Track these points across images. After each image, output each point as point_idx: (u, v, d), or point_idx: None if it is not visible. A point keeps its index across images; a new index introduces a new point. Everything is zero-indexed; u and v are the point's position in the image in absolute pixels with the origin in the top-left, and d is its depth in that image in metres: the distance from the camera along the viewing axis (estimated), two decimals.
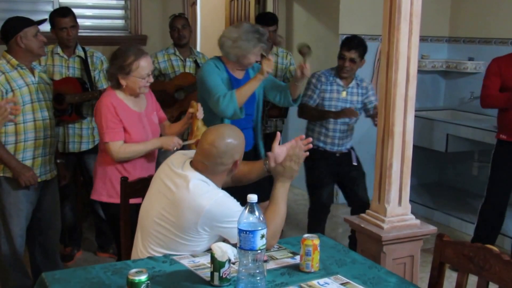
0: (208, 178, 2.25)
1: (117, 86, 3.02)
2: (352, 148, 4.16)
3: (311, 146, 2.38)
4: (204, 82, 3.36)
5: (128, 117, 3.01)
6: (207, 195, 2.18)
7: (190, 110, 3.12)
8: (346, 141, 4.09)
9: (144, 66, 2.96)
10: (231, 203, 2.22)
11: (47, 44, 3.36)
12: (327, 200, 4.09)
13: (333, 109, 3.98)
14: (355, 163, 4.12)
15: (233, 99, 3.24)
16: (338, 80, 4.00)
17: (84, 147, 4.00)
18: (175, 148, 3.08)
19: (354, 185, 4.11)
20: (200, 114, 3.10)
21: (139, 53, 2.98)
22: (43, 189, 3.34)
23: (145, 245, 2.30)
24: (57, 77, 3.87)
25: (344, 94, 4.01)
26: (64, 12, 3.90)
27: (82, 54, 3.98)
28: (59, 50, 3.92)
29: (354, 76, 4.04)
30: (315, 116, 4.02)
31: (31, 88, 3.18)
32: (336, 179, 4.14)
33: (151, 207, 2.30)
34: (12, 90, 3.09)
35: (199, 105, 3.12)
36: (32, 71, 3.24)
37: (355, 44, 3.93)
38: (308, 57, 3.50)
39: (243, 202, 1.93)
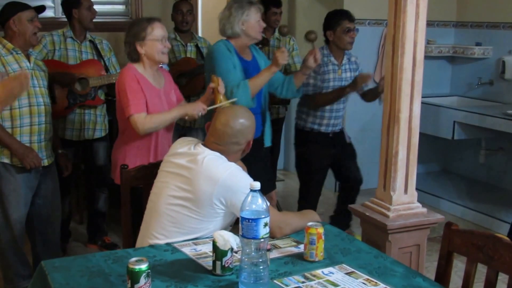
0: (223, 156, 2.30)
1: (136, 58, 3.01)
2: (342, 127, 4.13)
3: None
4: (215, 66, 3.28)
5: (149, 92, 2.98)
6: (222, 165, 2.25)
7: (211, 85, 3.03)
8: (339, 121, 4.04)
9: (158, 29, 3.00)
10: (244, 175, 2.27)
11: (48, 30, 3.32)
12: (321, 183, 4.10)
13: (330, 90, 3.90)
14: (348, 141, 4.08)
15: (246, 90, 3.21)
16: (332, 59, 3.92)
17: (98, 135, 3.98)
18: (200, 114, 3.02)
19: (349, 163, 4.08)
20: (221, 88, 3.01)
21: (152, 19, 3.04)
22: (41, 175, 3.31)
23: (158, 228, 2.30)
24: (71, 61, 3.84)
25: (339, 72, 3.93)
26: None
27: (92, 39, 3.96)
28: (71, 33, 3.88)
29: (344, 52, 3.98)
30: (333, 99, 3.89)
31: None
32: (331, 161, 4.08)
33: (164, 188, 2.32)
34: (7, 74, 3.06)
35: (220, 79, 3.05)
36: (28, 57, 3.23)
37: (351, 14, 3.88)
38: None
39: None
